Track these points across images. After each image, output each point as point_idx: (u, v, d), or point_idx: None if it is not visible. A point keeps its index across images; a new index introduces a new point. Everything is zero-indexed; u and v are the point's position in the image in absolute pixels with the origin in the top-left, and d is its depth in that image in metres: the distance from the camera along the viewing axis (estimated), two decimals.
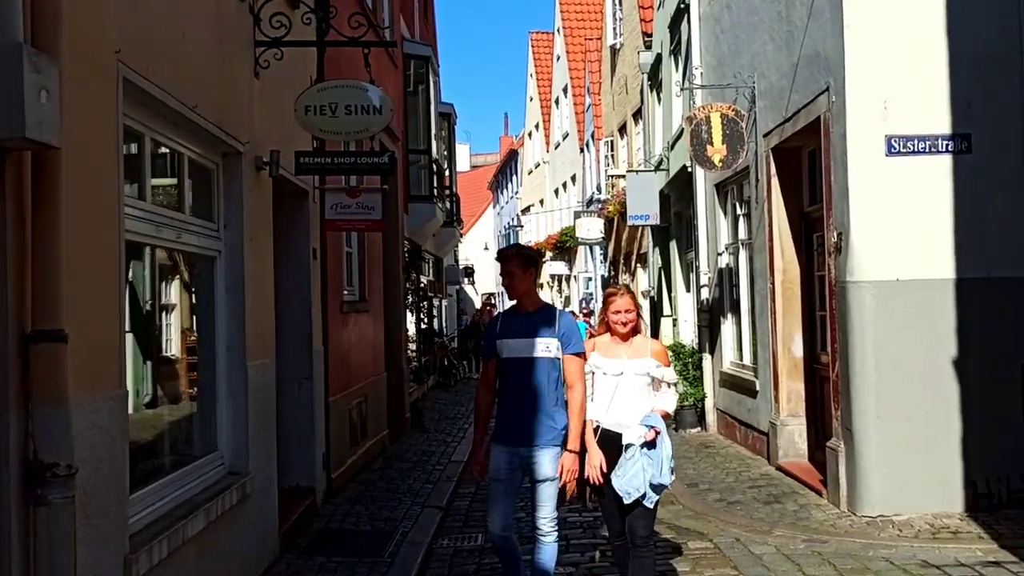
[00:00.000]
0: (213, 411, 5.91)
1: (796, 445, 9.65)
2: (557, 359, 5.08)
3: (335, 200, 8.57)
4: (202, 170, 5.85)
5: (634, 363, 5.13)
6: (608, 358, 5.16)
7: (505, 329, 5.20)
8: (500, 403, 5.24)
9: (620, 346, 5.18)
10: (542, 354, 5.05)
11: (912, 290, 7.47)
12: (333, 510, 8.43)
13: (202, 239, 5.66)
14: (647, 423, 5.01)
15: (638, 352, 5.18)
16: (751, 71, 10.33)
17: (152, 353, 5.37)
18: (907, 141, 7.49)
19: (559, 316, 5.23)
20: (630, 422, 5.04)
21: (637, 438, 4.97)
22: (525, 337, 5.09)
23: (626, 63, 21.07)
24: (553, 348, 5.06)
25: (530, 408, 5.07)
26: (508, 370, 5.16)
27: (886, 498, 7.45)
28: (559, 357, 5.07)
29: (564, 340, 5.10)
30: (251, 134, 6.29)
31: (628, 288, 5.37)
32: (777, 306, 9.80)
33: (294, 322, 8.21)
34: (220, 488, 5.61)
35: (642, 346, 5.22)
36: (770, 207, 9.87)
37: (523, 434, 5.07)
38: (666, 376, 5.23)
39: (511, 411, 5.15)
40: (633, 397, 5.11)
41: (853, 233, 7.55)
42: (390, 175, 7.21)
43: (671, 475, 5.10)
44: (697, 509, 8.23)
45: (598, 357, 5.19)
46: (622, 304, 5.14)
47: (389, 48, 12.70)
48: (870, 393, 7.49)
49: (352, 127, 6.51)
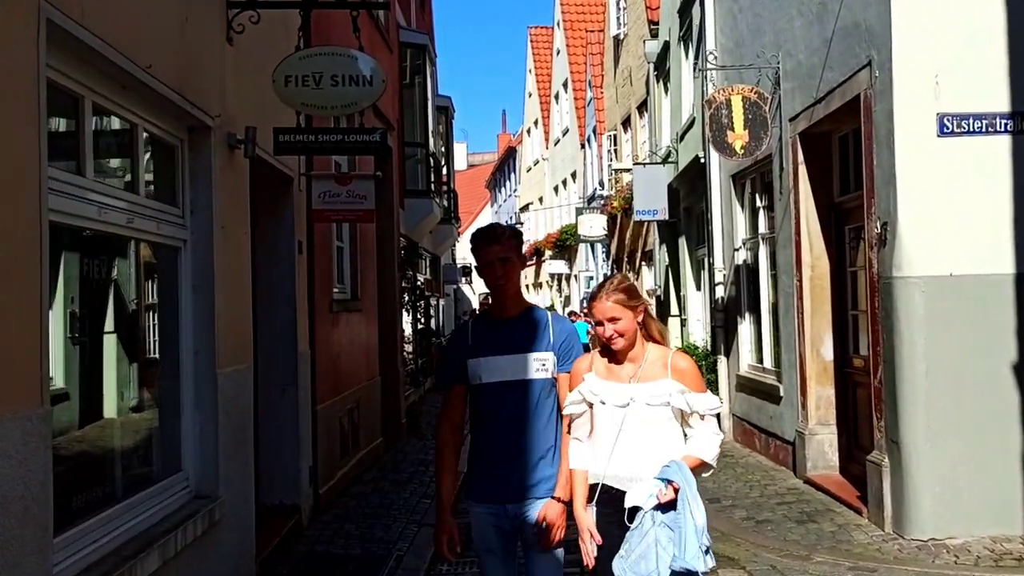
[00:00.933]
0: (177, 426, 5.11)
1: (826, 456, 8.86)
2: (554, 381, 3.73)
3: (323, 188, 7.77)
4: (163, 146, 5.05)
5: (646, 387, 3.56)
6: (609, 381, 3.61)
7: (481, 343, 3.73)
8: (475, 445, 3.81)
9: (625, 365, 3.64)
10: (535, 375, 3.69)
11: (967, 287, 6.67)
12: (320, 530, 7.62)
13: (162, 226, 4.85)
14: (664, 476, 3.41)
15: (651, 371, 3.60)
16: (775, 50, 9.53)
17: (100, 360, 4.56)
18: (961, 120, 6.69)
19: (552, 321, 3.79)
20: (643, 474, 3.48)
21: (646, 498, 3.40)
22: (511, 352, 3.69)
23: (630, 54, 20.30)
24: (549, 366, 3.71)
25: (521, 449, 3.70)
26: (487, 399, 3.72)
27: (938, 519, 6.65)
28: (556, 377, 3.73)
29: (563, 354, 3.74)
30: (223, 108, 5.48)
31: (624, 280, 3.69)
32: (804, 304, 9.01)
33: (277, 322, 7.43)
34: (183, 516, 4.81)
35: (657, 362, 3.62)
36: (797, 197, 9.07)
37: (512, 485, 3.69)
38: (699, 404, 3.57)
39: (494, 454, 3.73)
40: (647, 437, 3.55)
41: (901, 223, 6.76)
42: (381, 154, 6.34)
43: (706, 557, 3.44)
44: (723, 529, 7.43)
45: (596, 380, 3.63)
46: (602, 311, 3.56)
47: (382, 26, 11.92)
48: (920, 402, 6.69)
49: (339, 100, 5.71)
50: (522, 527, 3.71)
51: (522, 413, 3.71)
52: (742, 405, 11.35)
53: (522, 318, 3.77)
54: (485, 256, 3.69)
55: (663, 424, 3.57)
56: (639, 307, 3.61)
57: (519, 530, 3.72)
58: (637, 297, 3.63)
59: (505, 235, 3.75)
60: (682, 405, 3.57)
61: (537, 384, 3.72)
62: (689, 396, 3.56)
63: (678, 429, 3.62)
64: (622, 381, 3.60)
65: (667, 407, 3.56)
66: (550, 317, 3.82)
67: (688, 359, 3.71)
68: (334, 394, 8.88)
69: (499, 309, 3.80)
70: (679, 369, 3.61)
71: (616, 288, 3.61)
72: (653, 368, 3.61)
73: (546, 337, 3.75)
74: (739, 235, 11.53)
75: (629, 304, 3.58)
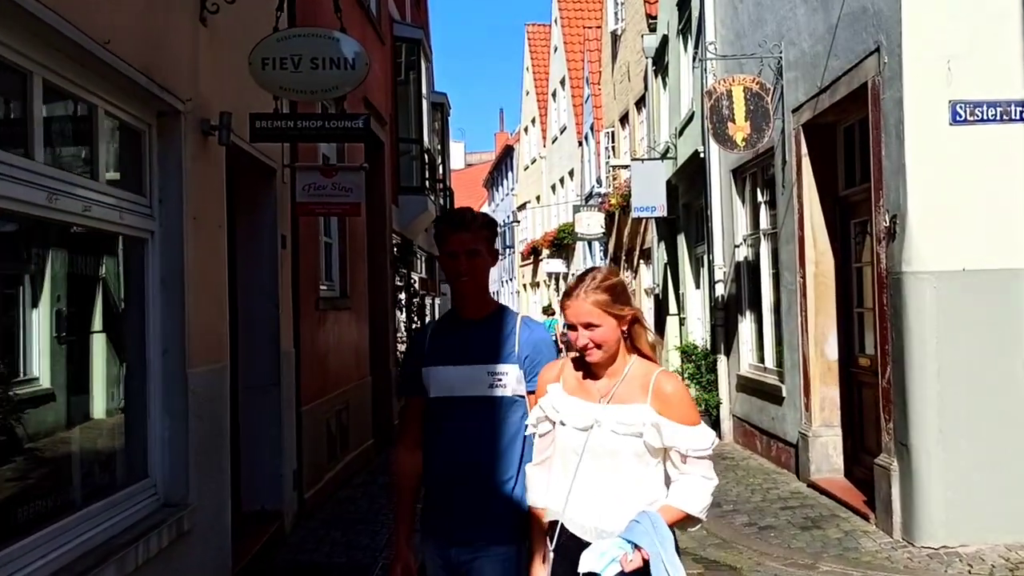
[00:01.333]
0: (143, 429, 4.79)
1: (831, 459, 8.55)
2: (520, 398, 3.08)
3: (308, 180, 7.45)
4: (128, 131, 4.72)
5: (616, 411, 2.81)
6: (575, 397, 2.90)
7: (434, 349, 3.14)
8: (425, 470, 3.17)
9: (601, 379, 2.90)
10: (490, 392, 3.05)
11: (981, 282, 6.36)
12: (304, 537, 7.31)
13: (126, 216, 4.53)
14: (631, 537, 2.66)
15: (628, 391, 2.84)
16: (777, 39, 9.22)
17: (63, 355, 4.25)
18: (975, 107, 6.38)
19: (521, 328, 3.11)
20: (605, 523, 2.77)
21: (605, 565, 2.64)
22: (466, 363, 3.06)
23: (628, 48, 20.00)
24: (509, 381, 3.05)
25: (469, 483, 3.04)
26: (435, 418, 3.12)
27: (950, 526, 6.34)
28: (523, 394, 3.08)
29: (530, 369, 3.06)
30: (195, 92, 5.17)
31: (609, 276, 2.89)
32: (808, 302, 8.70)
33: (258, 320, 7.11)
34: (148, 526, 4.49)
35: (637, 381, 2.85)
36: (800, 191, 8.76)
37: (456, 526, 3.06)
38: (682, 441, 2.76)
39: (440, 486, 3.11)
40: (612, 474, 2.79)
41: (911, 216, 6.44)
42: (365, 141, 6.03)
43: None
44: (724, 536, 7.12)
45: (560, 394, 2.92)
46: (577, 313, 2.83)
47: (374, 18, 11.61)
48: (931, 403, 6.38)
49: (319, 84, 5.40)
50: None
51: (471, 438, 3.05)
52: (743, 406, 11.04)
53: (485, 322, 3.13)
54: (450, 245, 3.08)
55: (632, 461, 2.78)
56: (625, 313, 2.85)
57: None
58: (624, 299, 2.86)
59: (476, 222, 3.11)
60: (655, 441, 2.76)
61: (492, 403, 3.04)
62: (669, 430, 2.75)
63: (658, 469, 2.82)
64: (591, 399, 2.86)
65: (639, 439, 2.77)
66: (519, 322, 3.11)
67: (676, 382, 2.86)
68: (321, 394, 8.56)
69: (462, 310, 3.19)
70: (662, 394, 2.79)
71: (598, 286, 2.83)
72: (630, 388, 2.83)
73: (510, 346, 3.07)
74: (740, 231, 11.21)
75: (613, 308, 2.81)
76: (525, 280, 39.27)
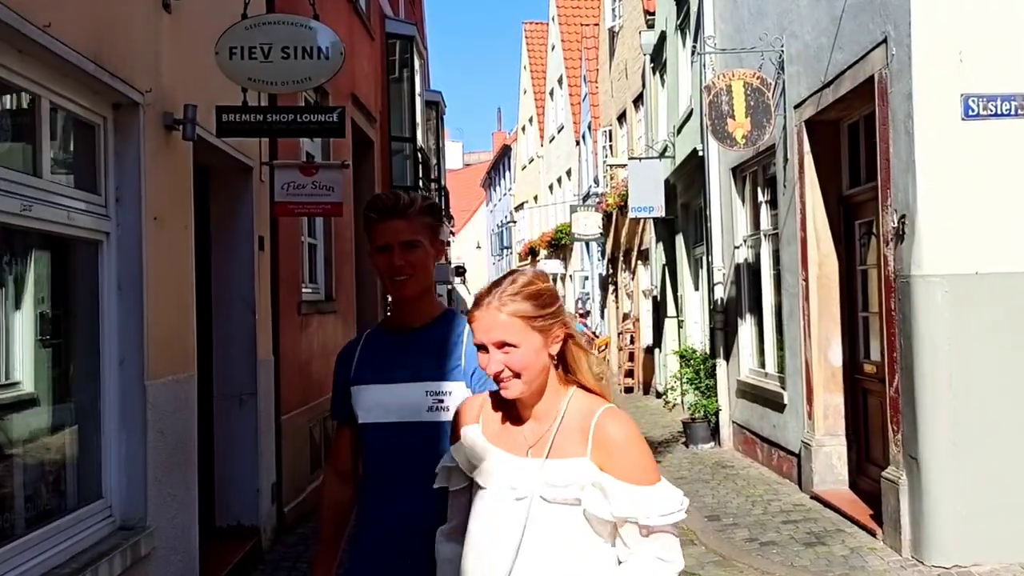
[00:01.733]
0: (97, 446, 4.44)
1: (834, 470, 8.20)
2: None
3: (287, 178, 7.09)
4: (80, 124, 4.38)
5: (548, 469, 2.06)
6: (498, 448, 2.15)
7: (367, 364, 2.59)
8: (357, 515, 2.64)
9: (528, 423, 2.15)
10: (428, 416, 2.48)
11: (996, 286, 6.02)
12: (283, 553, 6.96)
13: (75, 216, 4.18)
14: None
15: (564, 441, 2.08)
16: (778, 33, 8.87)
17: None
18: (988, 101, 6.04)
19: (469, 337, 2.28)
20: None
21: None
22: (401, 380, 2.49)
23: (626, 46, 19.67)
24: (451, 402, 2.45)
25: (400, 528, 2.47)
26: (365, 446, 2.57)
27: (963, 544, 6.00)
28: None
29: (479, 384, 2.44)
30: (156, 82, 4.82)
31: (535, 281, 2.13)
32: (811, 306, 8.35)
33: (233, 325, 6.76)
34: (100, 552, 4.14)
35: (575, 424, 2.09)
36: (802, 191, 8.41)
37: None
38: (635, 508, 2.00)
39: (370, 530, 2.54)
40: (545, 561, 2.04)
41: (920, 216, 6.10)
42: (340, 135, 5.69)
43: None
44: (723, 552, 6.78)
45: (479, 441, 2.18)
46: (486, 327, 2.08)
47: (363, 12, 11.27)
48: (943, 414, 6.04)
49: (290, 75, 5.06)
50: None
51: (407, 477, 2.45)
52: (743, 412, 10.70)
53: (427, 331, 2.56)
54: (381, 235, 2.52)
55: (572, 540, 2.02)
56: (553, 326, 2.08)
57: None
58: (552, 308, 2.09)
59: (414, 207, 2.53)
60: (601, 510, 2.00)
61: (433, 432, 2.43)
62: (618, 493, 1.97)
63: (600, 550, 2.04)
64: (516, 452, 2.10)
65: (578, 508, 2.02)
66: (468, 331, 2.27)
67: (625, 424, 2.05)
68: (304, 402, 8.21)
69: (397, 317, 2.63)
70: (606, 441, 2.01)
71: (518, 292, 2.07)
72: (567, 435, 2.06)
73: (455, 359, 2.49)
74: (740, 232, 10.87)
75: (537, 322, 2.05)
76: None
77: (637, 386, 18.50)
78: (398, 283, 2.53)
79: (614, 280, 21.78)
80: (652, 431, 12.87)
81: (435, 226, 2.59)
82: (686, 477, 9.54)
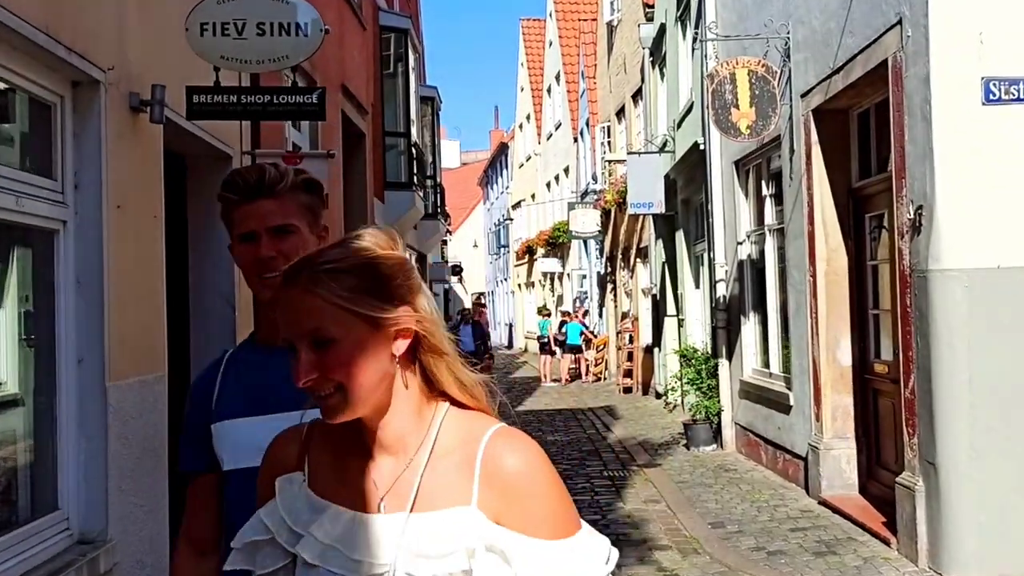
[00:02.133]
0: (53, 453, 4.08)
1: (844, 474, 7.85)
2: None
3: None
4: (33, 103, 4.02)
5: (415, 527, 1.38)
6: (334, 505, 1.44)
7: (228, 394, 2.02)
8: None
9: (378, 458, 1.44)
10: None
11: (1019, 280, 5.69)
12: None
13: (25, 202, 3.82)
14: None
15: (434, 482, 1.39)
16: (784, 19, 8.53)
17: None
18: (1011, 85, 5.70)
19: None
20: None
21: None
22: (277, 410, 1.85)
23: (624, 40, 19.33)
24: None
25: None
26: (239, 502, 1.84)
27: (983, 554, 5.67)
28: None
29: None
30: (120, 59, 4.46)
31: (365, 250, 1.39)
32: (819, 303, 8.01)
33: (213, 322, 6.39)
34: (55, 568, 3.79)
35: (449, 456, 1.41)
36: (810, 183, 8.07)
37: None
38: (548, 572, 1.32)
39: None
40: None
41: (939, 207, 5.75)
42: (319, 119, 5.35)
43: None
44: (729, 562, 6.44)
45: (300, 496, 1.47)
46: (289, 310, 1.38)
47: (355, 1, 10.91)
48: (962, 417, 5.70)
49: (265, 53, 4.69)
50: None
51: None
52: (747, 413, 10.35)
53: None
54: (244, 221, 1.99)
55: None
56: (396, 314, 1.39)
57: None
58: (393, 285, 1.40)
59: (285, 183, 1.98)
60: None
61: None
62: (524, 553, 1.34)
63: None
64: (364, 507, 1.43)
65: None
66: None
67: (528, 450, 1.40)
68: None
69: (268, 328, 2.02)
70: (502, 479, 1.37)
71: (340, 260, 1.38)
72: (440, 475, 1.41)
73: None
74: (743, 227, 10.53)
75: (365, 307, 1.37)
76: (520, 280, 38.56)
77: (636, 386, 18.17)
78: (268, 281, 1.85)
79: (613, 278, 21.44)
80: (652, 432, 12.55)
81: (314, 206, 2.03)
82: (687, 481, 9.20)
